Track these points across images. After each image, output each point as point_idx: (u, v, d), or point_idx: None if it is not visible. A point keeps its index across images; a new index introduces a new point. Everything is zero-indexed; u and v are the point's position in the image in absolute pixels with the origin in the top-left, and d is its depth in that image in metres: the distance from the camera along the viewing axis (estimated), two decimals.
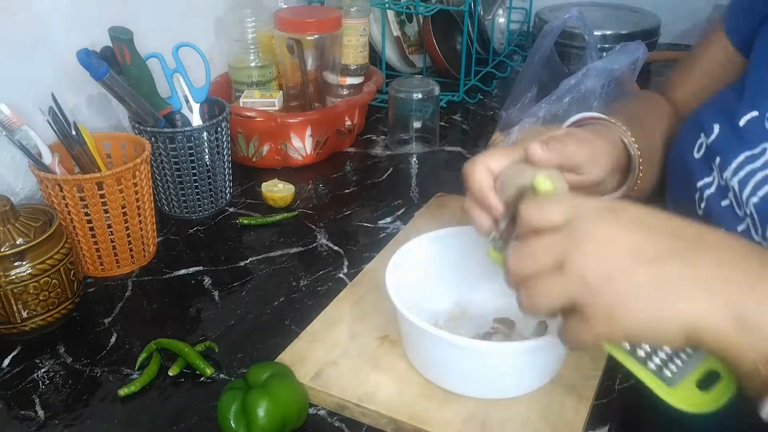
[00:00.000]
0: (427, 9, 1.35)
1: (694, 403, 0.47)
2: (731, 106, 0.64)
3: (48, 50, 0.92)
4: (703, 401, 0.47)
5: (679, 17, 1.63)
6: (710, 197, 0.62)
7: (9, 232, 0.69)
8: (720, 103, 0.66)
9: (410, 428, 0.60)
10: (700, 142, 0.65)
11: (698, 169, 0.65)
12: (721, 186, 0.61)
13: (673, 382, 0.48)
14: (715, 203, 0.62)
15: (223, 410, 0.58)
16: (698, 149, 0.65)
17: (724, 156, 0.61)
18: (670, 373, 0.48)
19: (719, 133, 0.63)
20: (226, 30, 1.18)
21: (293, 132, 1.07)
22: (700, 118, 0.67)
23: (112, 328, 0.75)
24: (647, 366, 0.48)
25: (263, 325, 0.75)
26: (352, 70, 1.21)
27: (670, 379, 0.48)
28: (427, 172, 1.10)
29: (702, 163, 0.64)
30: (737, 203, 0.59)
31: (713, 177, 0.63)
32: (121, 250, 0.82)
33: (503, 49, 1.59)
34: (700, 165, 0.65)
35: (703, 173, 0.64)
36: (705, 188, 0.63)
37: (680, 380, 0.47)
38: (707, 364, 0.47)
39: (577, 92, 0.98)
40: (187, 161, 0.91)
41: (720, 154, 0.62)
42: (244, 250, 0.88)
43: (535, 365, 0.62)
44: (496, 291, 0.71)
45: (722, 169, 0.61)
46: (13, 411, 0.64)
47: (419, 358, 0.65)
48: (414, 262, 0.69)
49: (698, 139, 0.66)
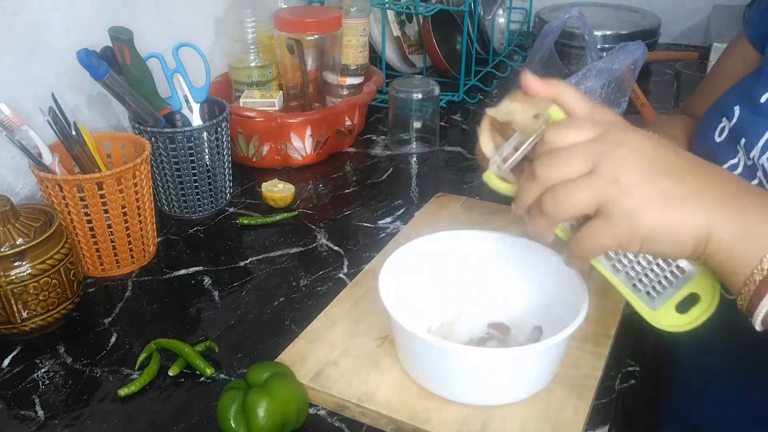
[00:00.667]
0: (427, 9, 1.35)
1: (672, 324, 0.53)
2: (750, 88, 0.64)
3: (48, 50, 0.92)
4: (680, 322, 0.52)
5: (679, 17, 1.63)
6: None
7: (9, 232, 0.69)
8: (740, 87, 0.67)
9: (410, 428, 0.60)
10: (722, 126, 0.66)
11: (722, 151, 0.65)
12: (748, 166, 0.62)
13: (656, 305, 0.53)
14: None
15: (223, 410, 0.58)
16: (720, 133, 0.66)
17: (749, 136, 0.62)
18: (656, 295, 0.53)
19: (740, 115, 0.64)
20: (226, 30, 1.18)
21: (293, 132, 1.07)
22: (721, 102, 0.68)
23: (112, 328, 0.75)
24: (635, 288, 0.54)
25: (263, 325, 0.75)
26: (352, 70, 1.21)
27: (655, 301, 0.53)
28: (427, 172, 1.10)
29: (725, 145, 0.65)
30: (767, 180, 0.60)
31: (738, 158, 0.63)
32: (121, 250, 0.82)
33: (503, 49, 1.59)
34: (723, 148, 0.65)
35: (727, 156, 0.64)
36: (731, 170, 0.63)
37: (662, 304, 0.53)
38: (688, 288, 0.52)
39: None
40: (187, 161, 0.91)
41: (745, 135, 0.62)
42: (244, 250, 0.88)
43: (530, 371, 0.61)
44: (491, 296, 0.72)
45: (748, 149, 0.61)
46: (13, 411, 0.64)
47: (413, 364, 0.64)
48: (408, 266, 0.69)
49: (720, 123, 0.66)
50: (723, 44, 1.20)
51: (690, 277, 0.52)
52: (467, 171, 1.09)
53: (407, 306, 0.63)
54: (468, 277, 0.72)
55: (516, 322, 0.69)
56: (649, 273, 0.53)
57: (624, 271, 0.54)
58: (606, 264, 0.54)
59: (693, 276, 0.52)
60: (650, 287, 0.53)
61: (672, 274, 0.53)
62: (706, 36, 1.54)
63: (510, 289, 0.70)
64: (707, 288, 0.52)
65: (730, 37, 0.81)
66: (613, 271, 0.54)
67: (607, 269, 0.54)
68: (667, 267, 0.53)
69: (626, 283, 0.54)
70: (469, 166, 1.10)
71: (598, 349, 0.67)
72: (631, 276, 0.54)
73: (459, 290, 0.72)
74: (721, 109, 0.67)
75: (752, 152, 0.61)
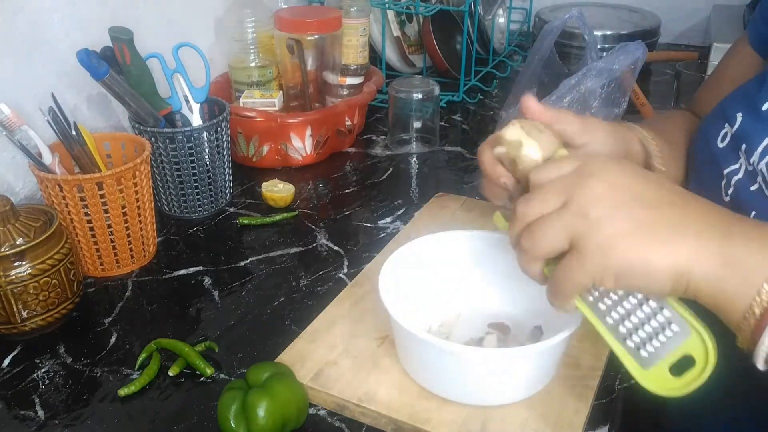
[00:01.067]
0: (427, 9, 1.35)
1: (664, 387, 0.49)
2: (753, 95, 0.64)
3: (48, 50, 0.92)
4: (674, 386, 0.49)
5: (679, 17, 1.63)
6: (738, 183, 0.63)
7: (9, 232, 0.69)
8: (742, 93, 0.67)
9: (410, 428, 0.60)
10: (725, 132, 0.66)
11: (724, 157, 0.65)
12: (749, 171, 0.62)
13: (649, 364, 0.49)
14: (743, 188, 0.62)
15: (223, 410, 0.58)
16: (722, 139, 0.66)
17: (749, 142, 0.62)
18: (647, 354, 0.50)
19: (742, 121, 0.64)
20: (226, 30, 1.18)
21: (293, 132, 1.07)
22: (724, 108, 0.68)
23: (112, 328, 0.75)
24: (626, 344, 0.50)
25: (263, 325, 0.75)
26: (352, 70, 1.21)
27: (646, 360, 0.50)
28: (427, 172, 1.10)
29: (727, 151, 0.65)
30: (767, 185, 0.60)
31: (740, 164, 0.63)
32: (121, 250, 0.82)
33: (503, 49, 1.59)
34: (725, 153, 0.65)
35: (729, 161, 0.64)
36: (732, 174, 0.63)
37: (655, 363, 0.49)
38: (682, 349, 0.49)
39: (577, 92, 0.98)
40: (187, 161, 0.91)
41: (746, 141, 0.62)
42: (244, 250, 0.88)
43: (530, 371, 0.61)
44: (492, 296, 0.72)
45: (749, 154, 0.61)
46: (13, 411, 0.64)
47: (413, 364, 0.64)
48: (408, 266, 0.69)
49: (722, 129, 0.66)
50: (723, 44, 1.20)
51: (684, 337, 0.49)
52: (467, 171, 1.09)
53: (407, 306, 0.63)
54: (468, 277, 0.72)
55: (516, 322, 0.70)
56: (636, 320, 0.50)
57: (610, 317, 0.51)
58: (589, 307, 0.51)
59: (687, 336, 0.49)
60: (642, 344, 0.50)
61: (664, 331, 0.50)
62: (706, 36, 1.54)
63: (510, 289, 0.70)
64: (701, 351, 0.48)
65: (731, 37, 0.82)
66: (597, 315, 0.51)
67: (591, 313, 0.51)
68: (653, 313, 0.50)
69: (614, 334, 0.51)
70: (469, 166, 1.10)
71: (598, 349, 0.67)
72: (617, 320, 0.51)
73: (459, 290, 0.72)
74: (723, 115, 0.67)
75: (752, 157, 0.61)
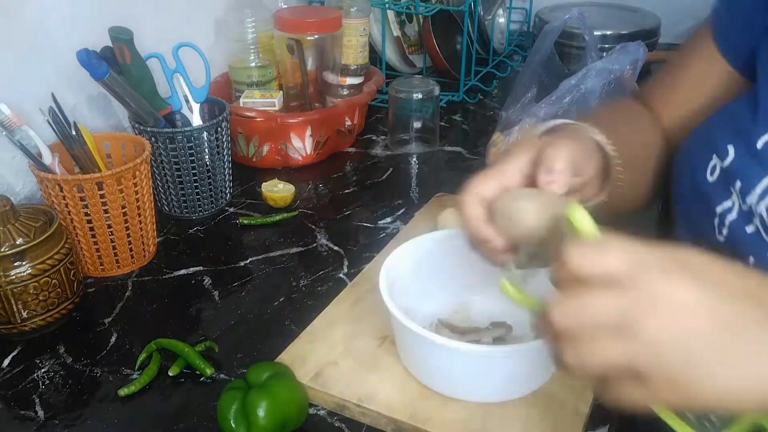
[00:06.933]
0: (427, 9, 1.35)
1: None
2: (746, 127, 0.60)
3: (48, 50, 0.92)
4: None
5: (679, 17, 1.63)
6: (733, 224, 0.59)
7: (9, 232, 0.69)
8: (732, 121, 0.63)
9: (410, 428, 0.60)
10: (713, 164, 0.62)
11: (715, 193, 0.61)
12: (743, 211, 0.58)
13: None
14: (739, 230, 0.58)
15: (223, 410, 0.58)
16: (711, 171, 0.62)
17: (745, 181, 0.58)
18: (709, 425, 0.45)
19: (735, 156, 0.60)
20: (226, 30, 1.18)
21: (293, 132, 1.07)
22: (712, 136, 0.63)
23: (112, 328, 0.75)
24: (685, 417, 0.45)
25: (263, 325, 0.75)
26: (352, 70, 1.21)
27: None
28: (427, 172, 1.10)
29: (718, 186, 0.61)
30: (766, 230, 0.56)
31: (732, 202, 0.59)
32: (121, 250, 0.82)
33: (503, 49, 1.59)
34: (716, 189, 0.61)
35: (721, 198, 0.60)
36: (725, 214, 0.59)
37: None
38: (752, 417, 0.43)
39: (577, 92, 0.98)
40: (187, 161, 0.91)
41: (740, 179, 0.58)
42: (244, 250, 0.88)
43: (531, 368, 0.61)
44: (493, 294, 0.71)
45: (744, 194, 0.58)
46: (13, 411, 0.64)
47: (414, 362, 0.64)
48: (409, 265, 0.69)
49: (710, 160, 0.62)
50: None
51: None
52: (467, 171, 1.08)
53: (408, 305, 0.63)
54: (468, 275, 0.72)
55: (517, 320, 0.69)
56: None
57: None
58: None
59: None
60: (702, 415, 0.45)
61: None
62: None
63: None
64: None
65: None
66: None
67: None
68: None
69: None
70: (469, 166, 1.10)
71: None
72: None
73: (459, 289, 0.72)
74: (711, 144, 0.62)
75: (748, 198, 0.57)
